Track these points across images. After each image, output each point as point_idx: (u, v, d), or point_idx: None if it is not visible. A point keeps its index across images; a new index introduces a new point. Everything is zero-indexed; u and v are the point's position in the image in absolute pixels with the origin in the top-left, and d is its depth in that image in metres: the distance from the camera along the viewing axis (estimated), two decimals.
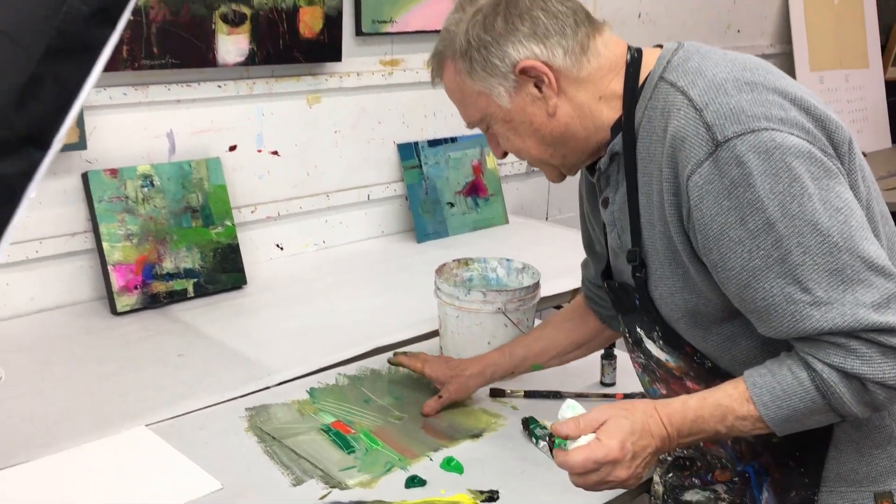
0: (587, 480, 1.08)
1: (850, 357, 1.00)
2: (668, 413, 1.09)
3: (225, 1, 1.99)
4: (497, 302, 1.63)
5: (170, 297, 1.99)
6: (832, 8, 3.87)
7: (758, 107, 1.02)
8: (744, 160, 1.00)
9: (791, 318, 1.01)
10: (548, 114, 1.16)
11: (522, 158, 1.25)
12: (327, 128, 2.34)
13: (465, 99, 1.20)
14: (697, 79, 1.07)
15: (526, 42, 1.13)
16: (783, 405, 1.04)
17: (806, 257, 0.99)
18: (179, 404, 1.54)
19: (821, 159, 1.02)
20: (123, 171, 1.96)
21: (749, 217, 1.00)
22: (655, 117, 1.11)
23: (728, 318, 1.13)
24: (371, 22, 2.32)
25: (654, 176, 1.11)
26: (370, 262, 2.33)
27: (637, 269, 1.18)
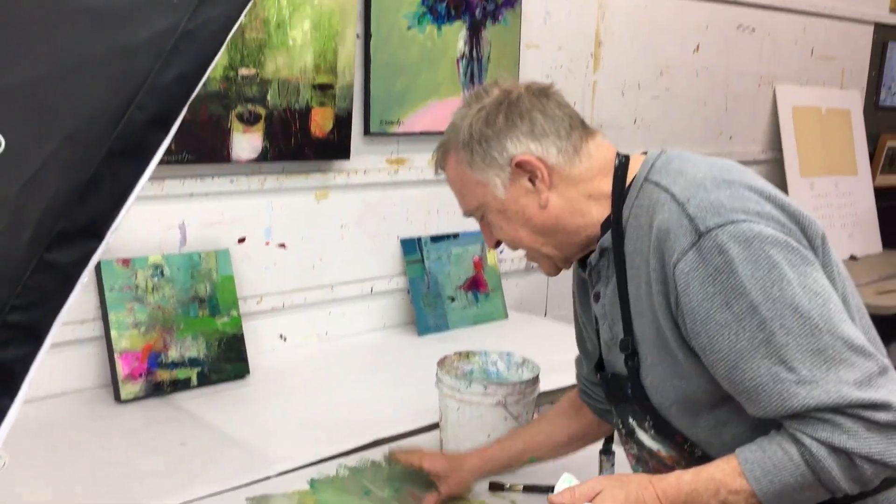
0: None
1: (837, 432, 1.03)
2: (663, 487, 1.12)
3: (242, 101, 2.09)
4: (498, 395, 1.66)
5: (173, 385, 2.01)
6: (820, 117, 4.03)
7: (736, 201, 1.10)
8: (725, 248, 1.07)
9: (779, 397, 1.05)
10: (539, 206, 1.24)
11: (515, 248, 1.32)
12: (334, 222, 2.41)
13: (464, 188, 1.29)
14: (679, 178, 1.16)
15: (523, 139, 1.22)
16: (774, 479, 1.07)
17: (789, 338, 1.05)
18: (181, 492, 1.55)
19: (796, 248, 1.09)
20: (135, 260, 2.01)
21: (733, 301, 1.06)
22: (641, 214, 1.19)
23: (717, 404, 1.16)
24: (379, 122, 2.42)
25: (641, 269, 1.18)
26: (372, 354, 2.37)
27: (629, 358, 1.23)
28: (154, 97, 0.58)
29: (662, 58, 3.27)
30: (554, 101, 1.26)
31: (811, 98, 3.99)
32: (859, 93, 4.28)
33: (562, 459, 1.61)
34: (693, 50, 3.38)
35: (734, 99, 3.63)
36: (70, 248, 0.56)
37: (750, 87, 3.70)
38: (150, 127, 0.58)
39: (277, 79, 2.14)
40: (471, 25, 2.57)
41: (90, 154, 0.57)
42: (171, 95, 0.59)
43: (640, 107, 3.23)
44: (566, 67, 2.94)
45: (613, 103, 3.13)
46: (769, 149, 3.85)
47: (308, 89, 2.20)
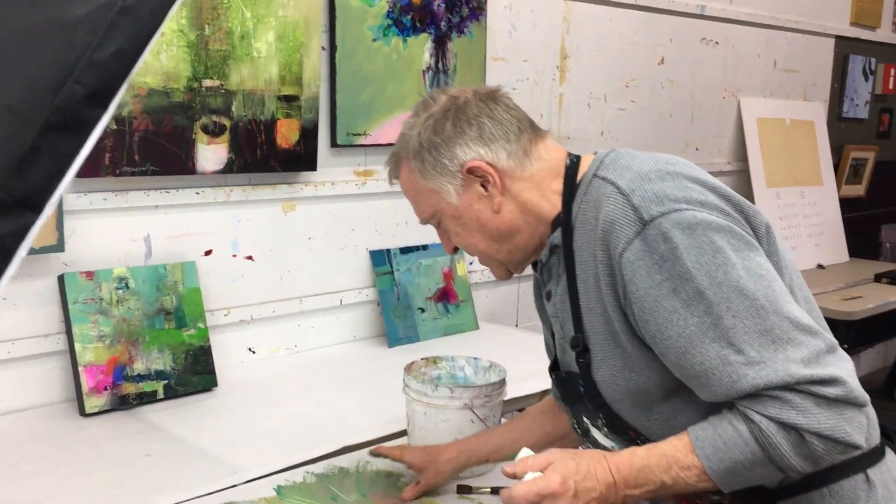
0: None
1: (787, 408, 1.04)
2: (616, 461, 1.13)
3: (206, 112, 2.09)
4: (464, 398, 1.66)
5: (139, 398, 1.99)
6: (784, 129, 4.10)
7: (679, 192, 1.13)
8: (669, 235, 1.09)
9: (728, 379, 1.06)
10: (493, 210, 1.26)
11: (471, 254, 1.33)
12: (301, 234, 2.41)
13: (418, 196, 1.31)
14: (625, 172, 1.18)
15: (472, 144, 1.24)
16: (724, 457, 1.07)
17: (736, 321, 1.06)
18: (146, 501, 1.54)
19: (740, 233, 1.11)
20: (100, 273, 2.00)
21: (680, 288, 1.08)
22: (589, 209, 1.20)
23: (669, 395, 1.17)
24: (346, 134, 2.43)
25: (589, 263, 1.19)
26: (342, 366, 2.36)
27: (580, 355, 1.24)
28: (92, 72, 0.58)
29: (628, 70, 3.31)
30: (502, 105, 1.27)
31: (775, 110, 4.06)
32: (822, 104, 4.36)
33: None
34: (658, 62, 3.44)
35: (699, 111, 3.69)
36: (7, 220, 0.56)
37: (715, 100, 3.76)
38: (89, 102, 0.58)
39: (242, 90, 2.14)
40: (436, 38, 2.60)
41: (28, 126, 0.57)
42: (109, 71, 0.59)
43: (606, 119, 3.27)
44: (532, 80, 2.97)
45: (580, 115, 3.17)
46: (735, 160, 3.91)
47: (273, 101, 2.21)
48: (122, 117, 1.96)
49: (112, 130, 1.95)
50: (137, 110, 1.98)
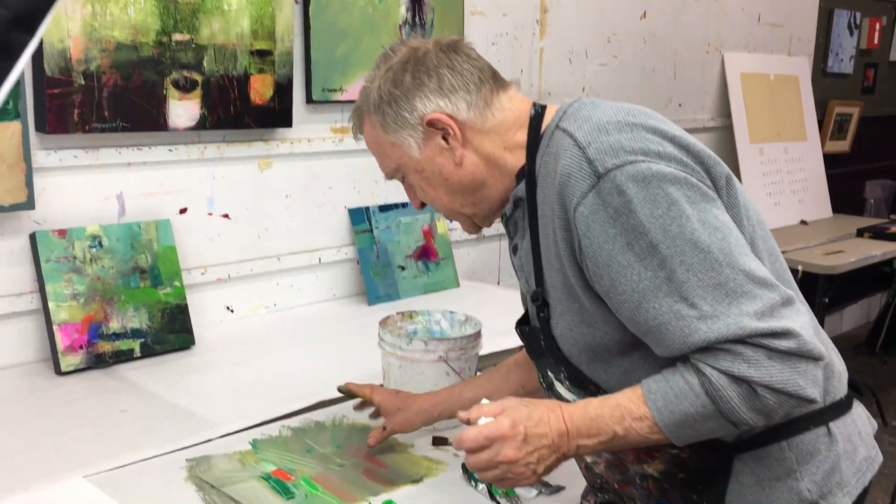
0: (479, 459, 1.11)
1: (738, 361, 1.03)
2: (570, 411, 1.13)
3: (176, 67, 2.06)
4: (438, 350, 1.66)
5: (116, 357, 1.98)
6: (769, 84, 4.07)
7: (636, 143, 1.11)
8: (624, 189, 1.07)
9: (681, 334, 1.05)
10: (455, 163, 1.24)
11: (437, 209, 1.32)
12: (278, 192, 2.39)
13: (381, 150, 1.29)
14: (584, 123, 1.15)
15: (432, 96, 1.22)
16: (675, 410, 1.07)
17: (690, 274, 1.05)
18: (119, 457, 1.53)
19: (696, 185, 1.09)
20: (72, 231, 1.98)
21: (634, 241, 1.07)
22: (550, 162, 1.18)
23: (625, 350, 1.16)
24: (321, 90, 2.40)
25: (548, 216, 1.17)
26: (321, 324, 2.35)
27: (540, 309, 1.23)
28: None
29: (609, 25, 3.28)
30: (463, 55, 1.24)
31: (759, 65, 4.04)
32: (807, 59, 4.34)
33: None
34: (640, 17, 3.40)
35: (682, 66, 3.66)
36: None
37: (698, 55, 3.73)
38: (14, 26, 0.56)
39: (213, 45, 2.11)
40: None
41: None
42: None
43: (587, 74, 3.24)
44: (512, 35, 2.94)
45: (561, 71, 3.14)
46: (718, 115, 3.89)
47: (246, 56, 2.17)
48: (91, 72, 1.93)
49: (80, 85, 1.91)
50: (105, 65, 1.95)
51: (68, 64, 1.90)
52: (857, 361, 4.72)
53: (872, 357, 4.77)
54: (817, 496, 1.17)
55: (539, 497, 1.45)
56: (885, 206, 4.97)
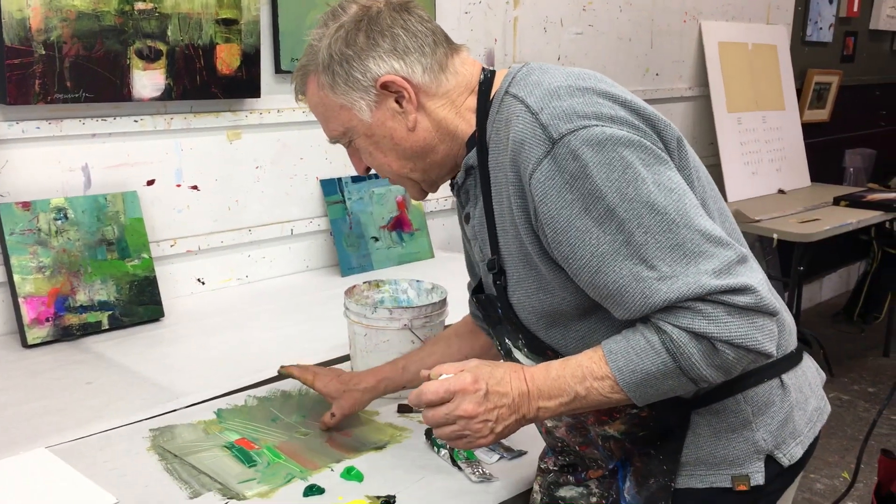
0: (437, 413, 1.11)
1: (698, 318, 1.04)
2: (532, 372, 1.13)
3: (140, 37, 2.03)
4: (403, 318, 1.66)
5: (83, 329, 1.98)
6: (746, 53, 4.06)
7: (588, 107, 1.10)
8: (579, 153, 1.06)
9: (641, 296, 1.06)
10: (408, 128, 1.21)
11: (384, 175, 1.29)
12: (248, 163, 2.38)
13: (327, 113, 1.24)
14: (535, 89, 1.14)
15: (386, 58, 1.18)
16: (636, 369, 1.07)
17: (648, 237, 1.05)
18: (83, 427, 1.54)
19: (650, 147, 1.09)
20: (36, 203, 1.96)
21: (591, 206, 1.06)
22: (501, 129, 1.17)
23: (583, 315, 1.17)
24: (290, 60, 2.38)
25: (502, 184, 1.17)
26: (293, 295, 2.35)
27: (496, 277, 1.23)
28: None
29: None
30: (416, 16, 1.21)
31: (737, 34, 4.02)
32: (786, 28, 4.32)
33: None
34: None
35: (659, 35, 3.64)
36: None
37: (675, 24, 3.71)
38: None
39: (177, 13, 2.08)
40: None
41: None
42: None
43: (563, 44, 3.22)
44: (485, 3, 2.91)
45: (536, 40, 3.12)
46: (696, 85, 3.88)
47: (211, 25, 2.15)
48: (51, 42, 1.90)
49: (40, 55, 1.89)
50: (66, 34, 1.92)
51: (28, 34, 1.87)
52: (835, 329, 4.76)
53: (850, 325, 4.81)
54: (772, 446, 1.20)
55: (500, 462, 1.46)
56: (864, 175, 4.99)
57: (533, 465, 1.45)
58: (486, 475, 1.40)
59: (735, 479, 1.18)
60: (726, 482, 1.18)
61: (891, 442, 3.48)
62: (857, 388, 4.08)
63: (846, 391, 4.03)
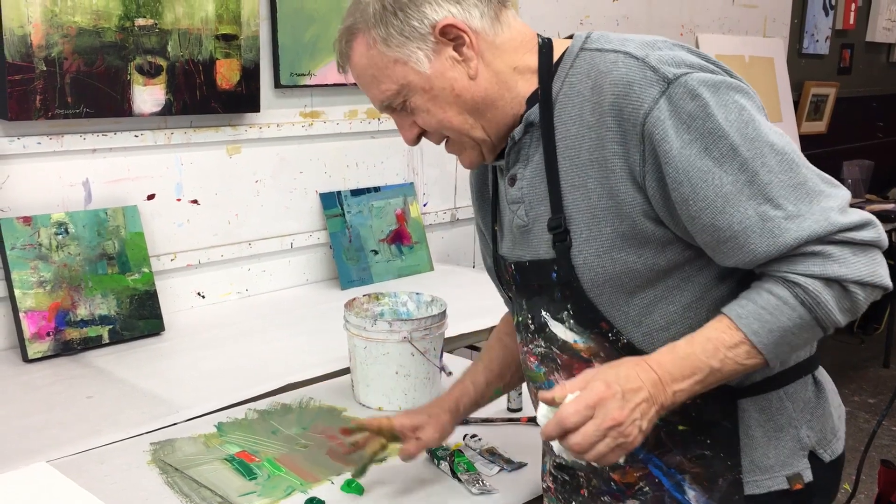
0: (586, 433, 1.02)
1: (829, 262, 1.03)
2: (656, 358, 1.08)
3: (140, 53, 2.05)
4: (403, 331, 1.67)
5: (84, 343, 1.98)
6: (743, 66, 4.08)
7: (691, 59, 1.09)
8: (697, 92, 1.05)
9: (770, 235, 1.04)
10: (469, 77, 1.15)
11: (442, 133, 1.21)
12: (248, 177, 2.39)
13: (379, 73, 1.16)
14: (626, 42, 1.12)
15: (443, 2, 1.12)
16: (773, 328, 1.05)
17: (772, 176, 1.04)
18: (83, 441, 1.54)
19: (754, 97, 1.10)
20: (37, 218, 1.97)
21: (712, 146, 1.05)
22: (579, 82, 1.13)
23: (654, 279, 1.14)
24: (289, 75, 2.39)
25: (581, 136, 1.13)
26: (293, 309, 2.35)
27: (559, 238, 1.16)
28: None
29: (581, 7, 3.28)
30: None
31: (734, 46, 4.05)
32: (782, 41, 4.35)
33: None
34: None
35: None
36: None
37: (672, 37, 3.71)
38: None
39: (177, 29, 2.10)
40: None
41: None
42: None
43: None
44: None
45: None
46: None
47: (211, 40, 2.16)
48: (52, 58, 1.92)
49: (42, 71, 1.90)
50: (67, 50, 1.93)
51: (29, 50, 1.88)
52: (835, 340, 4.76)
53: (850, 336, 4.82)
54: (815, 442, 1.20)
55: (500, 474, 1.46)
56: (862, 187, 5.00)
57: (534, 477, 1.45)
58: (487, 487, 1.40)
59: (790, 479, 1.17)
60: (783, 484, 1.17)
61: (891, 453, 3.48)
62: (857, 399, 4.08)
63: (846, 402, 4.02)
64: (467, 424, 1.62)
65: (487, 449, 1.53)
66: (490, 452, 1.52)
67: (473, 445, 1.53)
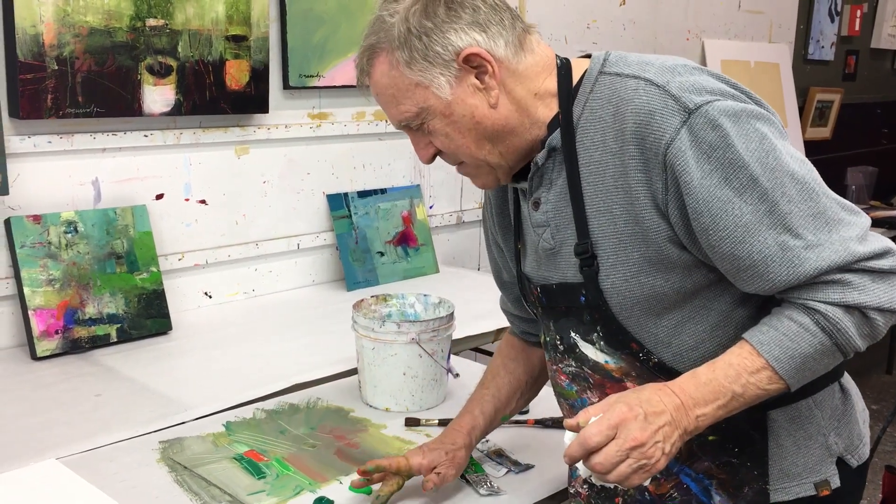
0: (608, 454, 1.02)
1: (848, 289, 1.04)
2: (679, 383, 1.08)
3: (151, 53, 2.05)
4: (411, 332, 1.68)
5: (92, 342, 1.99)
6: (749, 70, 4.09)
7: (712, 84, 1.10)
8: (718, 123, 1.06)
9: (789, 265, 1.05)
10: (489, 105, 1.15)
11: (456, 159, 1.21)
12: (256, 178, 2.40)
13: (400, 93, 1.16)
14: (647, 66, 1.12)
15: (469, 30, 1.12)
16: (795, 354, 1.06)
17: (791, 206, 1.05)
18: (92, 439, 1.54)
19: (776, 122, 1.11)
20: (47, 217, 1.98)
21: (732, 176, 1.05)
22: (600, 107, 1.13)
23: (682, 300, 1.15)
24: (298, 76, 2.40)
25: (605, 162, 1.13)
26: (299, 309, 2.36)
27: (586, 262, 1.17)
28: None
29: (588, 11, 3.29)
30: None
31: (740, 52, 4.05)
32: (788, 46, 4.35)
33: None
34: (620, 3, 3.41)
35: (662, 53, 3.66)
36: None
37: (678, 41, 3.74)
38: None
39: (188, 30, 2.11)
40: None
41: None
42: None
43: None
44: None
45: None
46: None
47: (221, 41, 2.17)
48: (64, 57, 1.92)
49: (53, 71, 1.91)
50: (79, 50, 1.94)
51: (41, 49, 1.89)
52: None
53: None
54: (843, 448, 1.21)
55: (508, 475, 1.46)
56: (866, 193, 5.00)
57: (541, 479, 1.45)
58: (495, 489, 1.41)
59: (817, 485, 1.19)
60: (810, 490, 1.18)
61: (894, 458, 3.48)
62: None
63: None
64: None
65: (495, 450, 1.54)
66: (497, 454, 1.53)
67: (481, 447, 1.54)
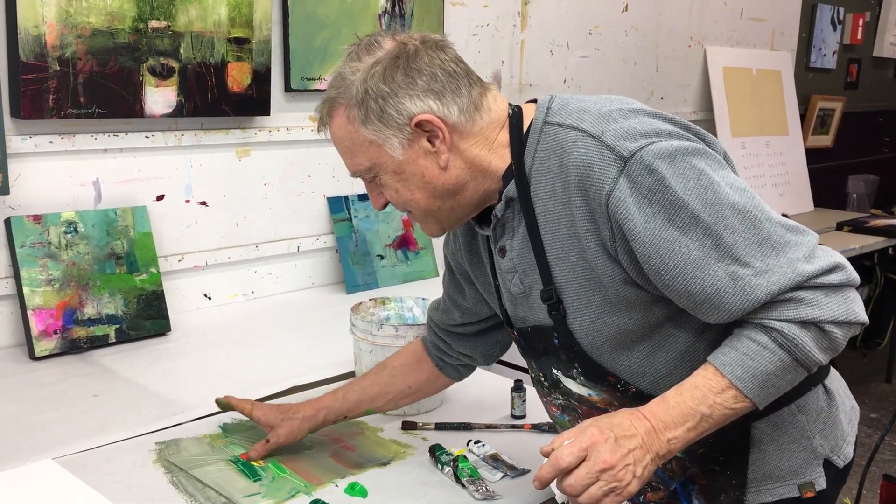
0: (578, 476, 1.06)
1: (802, 306, 1.07)
2: (649, 407, 1.11)
3: (153, 54, 2.06)
4: (409, 336, 1.68)
5: (90, 342, 1.99)
6: (751, 78, 4.09)
7: (645, 126, 1.12)
8: (654, 167, 1.08)
9: (742, 293, 1.07)
10: (440, 167, 1.19)
11: (406, 209, 1.26)
12: (256, 180, 2.40)
13: (354, 147, 1.21)
14: (584, 115, 1.15)
15: (423, 97, 1.16)
16: (756, 372, 1.08)
17: (736, 236, 1.08)
18: (89, 439, 1.55)
19: (712, 153, 1.13)
20: (47, 217, 1.98)
21: (675, 216, 1.08)
22: (547, 158, 1.17)
23: (648, 333, 1.18)
24: (300, 79, 2.40)
25: (557, 212, 1.17)
26: (298, 312, 2.36)
27: (553, 307, 1.21)
28: None
29: (591, 17, 3.29)
30: (451, 55, 1.20)
31: (742, 59, 4.05)
32: (790, 54, 4.36)
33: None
34: (622, 9, 3.41)
35: (664, 59, 3.67)
36: None
37: (680, 48, 3.74)
38: None
39: (190, 32, 2.11)
40: None
41: None
42: None
43: (569, 66, 3.25)
44: (493, 26, 2.95)
45: (542, 63, 3.15)
46: (700, 109, 3.91)
47: (223, 43, 2.18)
48: (66, 58, 1.93)
49: (55, 71, 1.92)
50: (81, 51, 1.95)
51: (43, 50, 1.90)
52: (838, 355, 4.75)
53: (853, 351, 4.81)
54: (828, 450, 1.24)
55: (503, 480, 1.46)
56: (867, 201, 5.01)
57: None
58: (490, 493, 1.41)
59: (801, 487, 1.21)
60: (794, 492, 1.21)
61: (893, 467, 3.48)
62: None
63: None
64: (471, 430, 1.63)
65: (491, 455, 1.53)
66: (493, 458, 1.52)
67: (477, 451, 1.54)
